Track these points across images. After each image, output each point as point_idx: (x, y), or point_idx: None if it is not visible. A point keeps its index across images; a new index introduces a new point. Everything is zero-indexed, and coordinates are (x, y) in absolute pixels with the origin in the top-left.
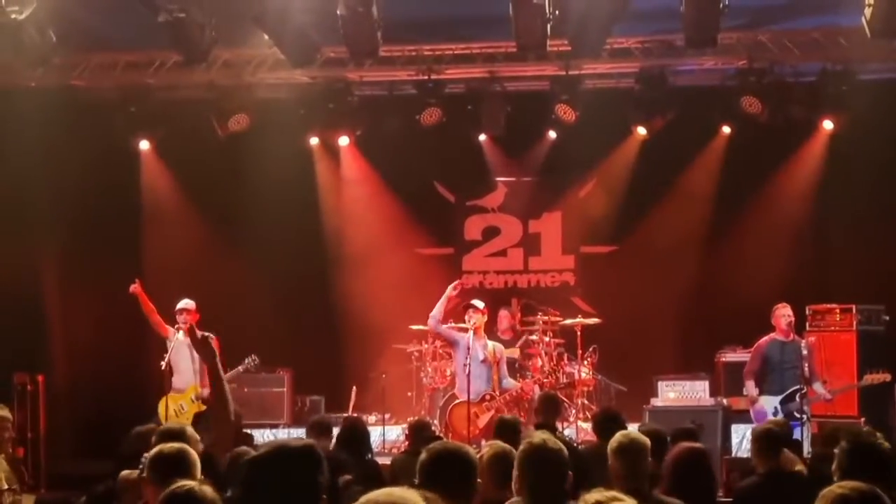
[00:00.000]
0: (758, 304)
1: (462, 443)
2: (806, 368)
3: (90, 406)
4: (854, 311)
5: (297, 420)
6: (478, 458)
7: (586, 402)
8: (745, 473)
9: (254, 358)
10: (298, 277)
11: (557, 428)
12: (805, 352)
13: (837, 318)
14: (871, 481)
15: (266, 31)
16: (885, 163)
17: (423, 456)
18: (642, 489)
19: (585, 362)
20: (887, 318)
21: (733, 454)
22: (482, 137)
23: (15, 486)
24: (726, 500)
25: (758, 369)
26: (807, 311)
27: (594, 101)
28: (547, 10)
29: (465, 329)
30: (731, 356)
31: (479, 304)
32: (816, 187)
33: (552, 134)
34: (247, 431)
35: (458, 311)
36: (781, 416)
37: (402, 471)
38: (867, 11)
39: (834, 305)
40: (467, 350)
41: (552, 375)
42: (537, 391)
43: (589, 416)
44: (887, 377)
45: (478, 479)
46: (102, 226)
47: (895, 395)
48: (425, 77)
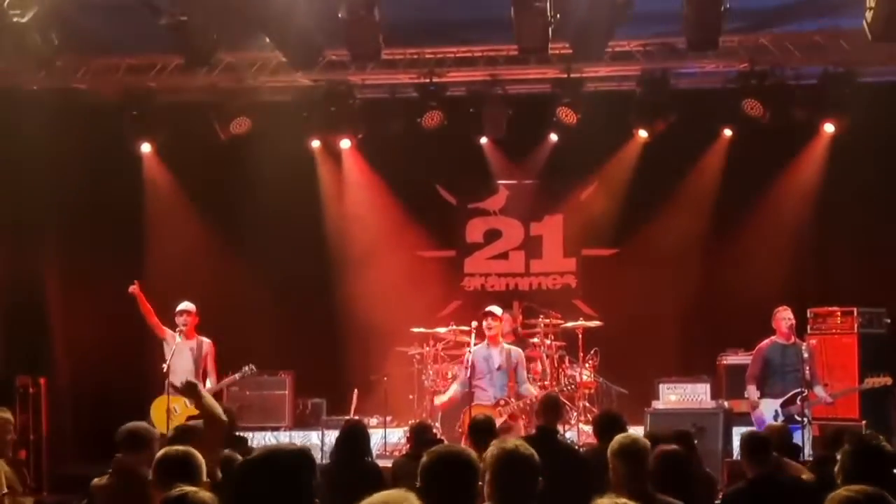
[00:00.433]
0: (759, 307)
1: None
2: (807, 371)
3: (92, 408)
4: (855, 313)
5: (298, 423)
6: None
7: (588, 404)
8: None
9: (251, 367)
10: (300, 280)
11: (559, 430)
12: (806, 355)
13: (838, 321)
14: (875, 484)
15: (268, 35)
16: (887, 165)
17: (425, 459)
18: (644, 491)
19: (587, 365)
20: (888, 321)
21: (734, 457)
22: (484, 140)
23: (17, 488)
24: None
25: (759, 373)
26: (808, 314)
27: (596, 103)
28: (548, 13)
29: (466, 343)
30: (732, 359)
31: (497, 311)
32: (817, 190)
33: (553, 137)
34: (241, 434)
35: (460, 313)
36: (782, 419)
37: (402, 474)
38: (868, 14)
39: (835, 308)
40: (474, 365)
41: (553, 378)
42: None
43: (590, 419)
44: (888, 381)
45: (479, 482)
46: (104, 229)
47: None
48: (427, 80)
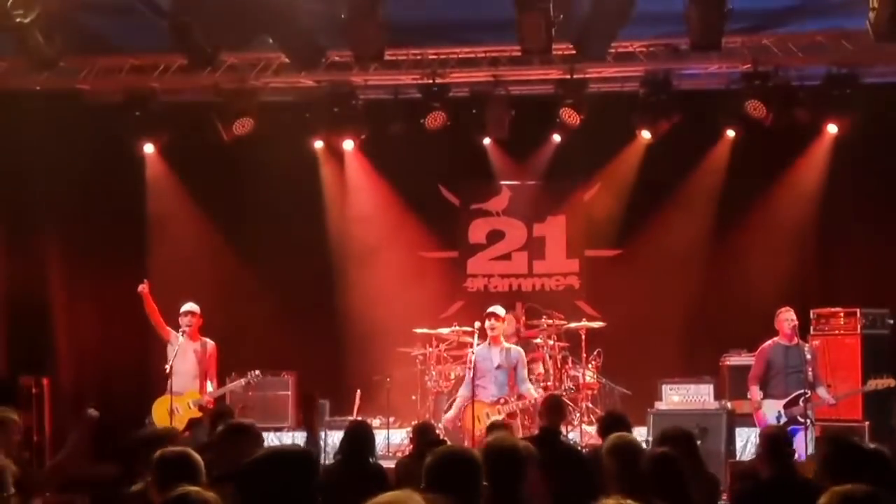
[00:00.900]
0: (762, 308)
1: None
2: (810, 372)
3: (95, 409)
4: (858, 314)
5: (301, 424)
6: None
7: (591, 405)
8: (749, 477)
9: (257, 374)
10: (303, 280)
11: (562, 431)
12: (809, 356)
13: (842, 322)
14: (858, 482)
15: (271, 35)
16: (890, 166)
17: (429, 459)
18: (637, 490)
19: (590, 366)
20: (892, 322)
21: (737, 458)
22: (486, 141)
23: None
24: None
25: (762, 374)
26: (811, 315)
27: (599, 104)
28: (552, 14)
29: (469, 343)
30: (735, 359)
31: (500, 312)
32: (821, 191)
33: (557, 137)
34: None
35: (463, 314)
36: (785, 420)
37: (406, 474)
38: (871, 15)
39: (838, 309)
40: (476, 365)
41: (556, 379)
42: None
43: (594, 420)
44: (892, 382)
45: (483, 481)
46: (107, 229)
47: None
48: (430, 81)
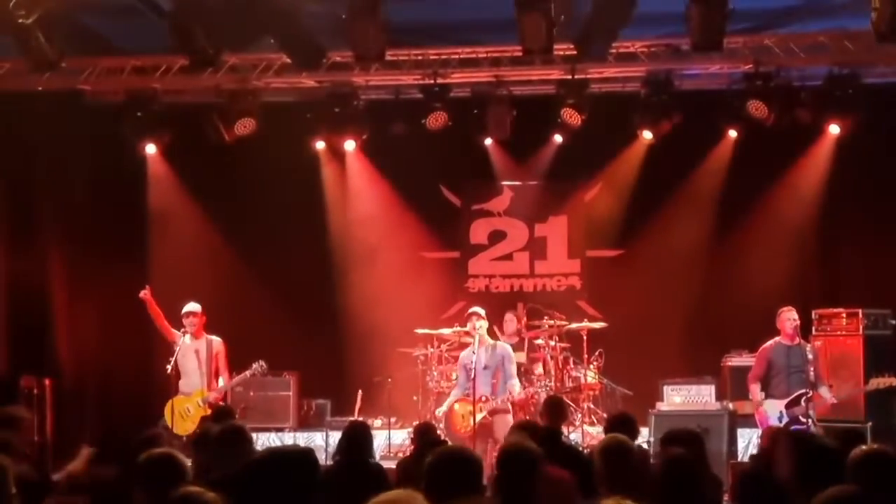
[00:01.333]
0: (764, 308)
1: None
2: (811, 372)
3: (97, 410)
4: (860, 315)
5: (302, 424)
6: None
7: (592, 406)
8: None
9: (261, 364)
10: (305, 281)
11: (563, 432)
12: (810, 356)
13: (843, 323)
14: (825, 482)
15: (272, 36)
16: (892, 166)
17: (429, 459)
18: (628, 491)
19: (591, 366)
20: (894, 323)
21: (739, 458)
22: (488, 141)
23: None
24: None
25: (762, 373)
26: (813, 316)
27: (600, 104)
28: (553, 14)
29: (469, 344)
30: (737, 360)
31: (481, 311)
32: (822, 191)
33: (558, 138)
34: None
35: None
36: (786, 420)
37: (407, 474)
38: (873, 15)
39: (840, 309)
40: (465, 367)
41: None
42: (541, 397)
43: (595, 421)
44: (893, 381)
45: (484, 481)
46: (109, 230)
47: None
48: (431, 81)
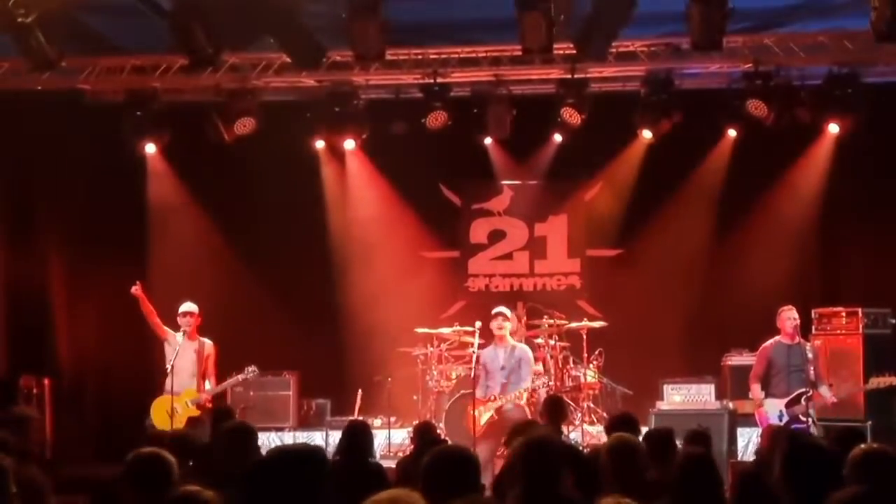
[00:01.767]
0: (764, 308)
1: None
2: (811, 372)
3: (96, 409)
4: (860, 314)
5: (302, 423)
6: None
7: (592, 405)
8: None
9: (253, 368)
10: (304, 280)
11: (563, 431)
12: (810, 355)
13: (843, 322)
14: (815, 481)
15: (272, 35)
16: (892, 165)
17: (426, 458)
18: (636, 490)
19: (591, 365)
20: (894, 322)
21: (739, 458)
22: (488, 141)
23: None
24: None
25: (762, 373)
26: (813, 315)
27: (600, 104)
28: (553, 14)
29: (470, 343)
30: (737, 359)
31: (507, 312)
32: (822, 190)
33: (558, 137)
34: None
35: (464, 313)
36: (786, 419)
37: (407, 474)
38: (873, 14)
39: (840, 308)
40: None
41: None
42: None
43: (595, 420)
44: (893, 381)
45: (481, 480)
46: (108, 229)
47: None
48: (431, 80)
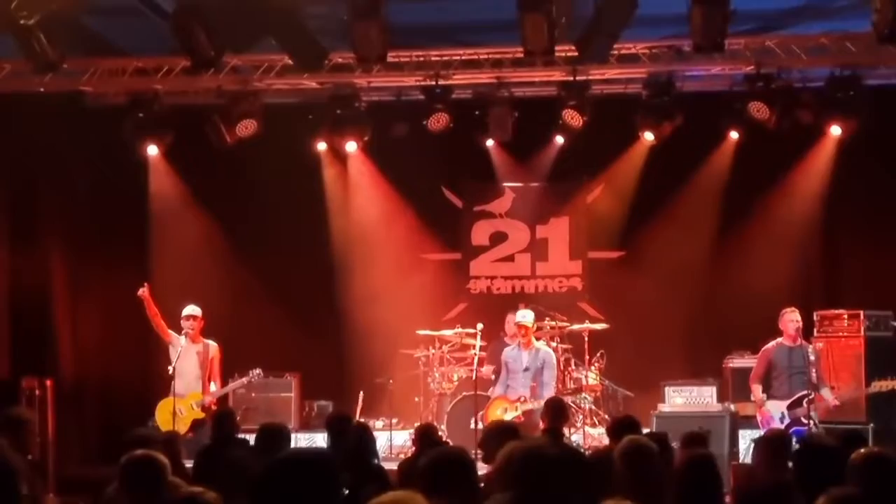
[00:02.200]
0: (766, 310)
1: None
2: (813, 374)
3: (98, 410)
4: (862, 317)
5: (304, 425)
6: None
7: (594, 407)
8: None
9: (259, 372)
10: (306, 282)
11: (565, 433)
12: (812, 357)
13: (845, 324)
14: (826, 480)
15: (274, 37)
16: (893, 168)
17: (423, 460)
18: (650, 495)
19: (593, 367)
20: (895, 324)
21: (741, 460)
22: (490, 143)
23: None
24: None
25: (763, 374)
26: (814, 317)
27: (602, 106)
28: (554, 16)
29: (471, 345)
30: (738, 361)
31: (528, 322)
32: (824, 193)
33: (560, 139)
34: (243, 437)
35: (466, 315)
36: (788, 421)
37: (409, 476)
38: (875, 17)
39: (842, 311)
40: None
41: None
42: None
43: (596, 422)
44: (895, 384)
45: (479, 481)
46: (110, 231)
47: None
48: (433, 82)
